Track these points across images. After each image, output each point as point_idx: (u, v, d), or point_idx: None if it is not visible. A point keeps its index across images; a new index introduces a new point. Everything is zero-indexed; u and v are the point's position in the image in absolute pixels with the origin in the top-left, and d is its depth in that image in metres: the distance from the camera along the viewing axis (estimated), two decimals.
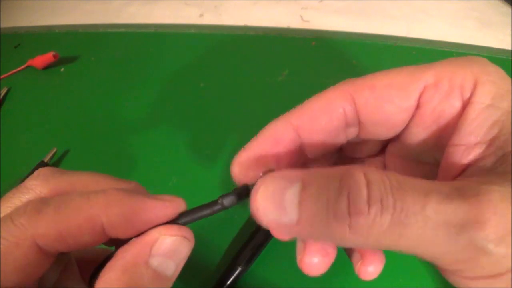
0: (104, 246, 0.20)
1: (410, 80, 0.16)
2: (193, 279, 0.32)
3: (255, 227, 0.33)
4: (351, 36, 0.49)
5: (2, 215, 0.16)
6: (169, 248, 0.16)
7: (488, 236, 0.12)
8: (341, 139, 0.18)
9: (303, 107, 0.17)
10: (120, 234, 0.17)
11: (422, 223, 0.12)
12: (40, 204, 0.16)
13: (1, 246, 0.15)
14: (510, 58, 0.43)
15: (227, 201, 0.17)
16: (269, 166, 0.17)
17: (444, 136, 0.16)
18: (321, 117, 0.17)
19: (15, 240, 0.15)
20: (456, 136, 0.15)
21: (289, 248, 0.33)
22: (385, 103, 0.16)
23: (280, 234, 0.17)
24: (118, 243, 0.18)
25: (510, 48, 0.44)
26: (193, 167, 0.40)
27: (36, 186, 0.18)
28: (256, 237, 0.32)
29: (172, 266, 0.16)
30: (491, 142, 0.14)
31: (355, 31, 0.51)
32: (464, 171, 0.15)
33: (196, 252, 0.36)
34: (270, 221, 0.15)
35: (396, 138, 0.18)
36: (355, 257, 0.19)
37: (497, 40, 0.46)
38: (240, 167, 0.18)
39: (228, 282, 0.30)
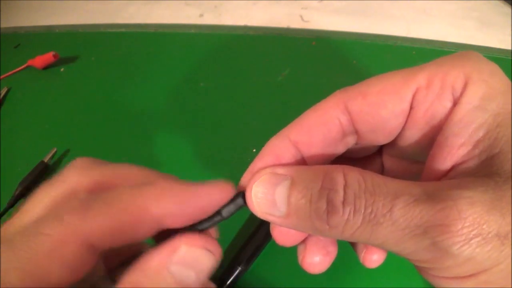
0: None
1: (402, 84, 0.15)
2: None
3: (255, 227, 0.33)
4: (351, 36, 0.49)
5: (41, 209, 0.16)
6: (190, 259, 0.16)
7: (451, 239, 0.13)
8: (340, 148, 0.18)
9: (299, 122, 0.18)
10: (173, 223, 0.17)
11: (390, 224, 0.13)
12: (89, 199, 0.16)
13: (48, 244, 0.15)
14: (510, 58, 0.43)
15: (225, 212, 0.18)
16: None
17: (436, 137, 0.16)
18: (317, 130, 0.17)
19: (63, 239, 0.15)
20: (441, 137, 0.15)
21: (289, 248, 0.33)
22: (379, 109, 0.16)
23: (274, 227, 0.18)
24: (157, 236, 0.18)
25: (510, 48, 0.44)
26: (193, 167, 0.40)
27: (74, 177, 0.17)
28: (256, 237, 0.32)
29: (192, 275, 0.16)
30: (476, 145, 0.14)
31: (355, 31, 0.51)
32: (448, 173, 0.15)
33: None
34: (262, 214, 0.16)
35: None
36: (359, 246, 0.20)
37: (497, 40, 0.46)
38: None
39: (228, 282, 0.30)
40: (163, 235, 0.17)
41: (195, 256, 0.16)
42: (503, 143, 0.14)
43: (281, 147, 0.17)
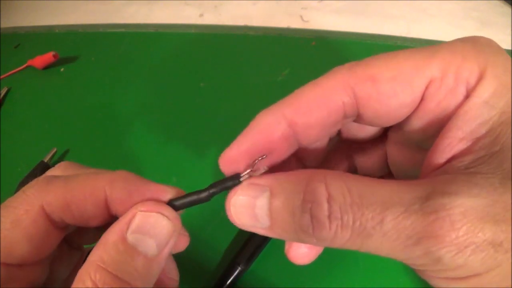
0: None
1: (415, 72, 0.15)
2: (193, 279, 0.32)
3: None
4: (351, 36, 0.49)
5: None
6: (146, 224, 0.16)
7: (445, 249, 0.12)
8: (337, 127, 0.17)
9: (297, 98, 0.16)
10: (122, 210, 0.17)
11: (381, 235, 0.13)
12: (51, 177, 0.17)
13: (12, 215, 0.16)
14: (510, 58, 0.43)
15: (215, 189, 0.17)
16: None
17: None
18: (318, 111, 0.16)
19: (25, 208, 0.16)
20: (446, 128, 0.15)
21: None
22: (389, 98, 0.15)
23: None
24: None
25: (510, 48, 0.44)
26: (193, 167, 0.40)
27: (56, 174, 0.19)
28: (256, 237, 0.32)
29: (152, 245, 0.16)
30: (476, 141, 0.14)
31: (355, 31, 0.50)
32: (445, 164, 0.15)
33: (196, 252, 0.36)
34: (245, 227, 0.16)
35: (397, 125, 0.17)
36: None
37: (497, 40, 0.46)
38: (229, 163, 0.17)
39: (228, 282, 0.30)
40: None
41: (151, 222, 0.16)
42: (504, 141, 0.13)
43: (273, 124, 0.16)
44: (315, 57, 0.48)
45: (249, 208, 0.15)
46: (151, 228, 0.16)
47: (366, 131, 0.20)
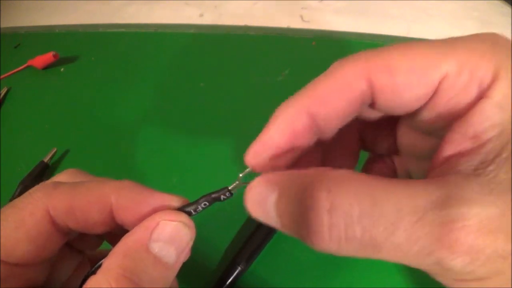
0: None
1: (431, 66, 0.14)
2: (193, 279, 0.32)
3: (255, 227, 0.33)
4: (351, 36, 0.49)
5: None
6: (169, 233, 0.16)
7: (456, 259, 0.12)
8: (354, 115, 0.17)
9: (317, 89, 0.16)
10: (127, 219, 0.17)
11: (392, 248, 0.13)
12: (58, 182, 0.18)
13: (17, 215, 0.16)
14: None
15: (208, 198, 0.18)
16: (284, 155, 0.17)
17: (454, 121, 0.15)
18: (338, 101, 0.16)
19: (30, 210, 0.17)
20: (457, 123, 0.14)
21: (289, 248, 0.33)
22: (404, 89, 0.15)
23: None
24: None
25: None
26: (193, 167, 0.40)
27: (63, 180, 0.19)
28: (256, 237, 0.32)
29: (173, 253, 0.16)
30: (486, 142, 0.14)
31: (355, 31, 0.50)
32: (452, 158, 0.14)
33: (196, 252, 0.36)
34: (262, 221, 0.16)
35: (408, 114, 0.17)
36: None
37: None
38: (254, 157, 0.18)
39: (228, 282, 0.30)
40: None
41: (173, 231, 0.16)
42: None
43: (295, 118, 0.16)
44: (315, 57, 0.48)
45: (262, 204, 0.15)
46: (175, 236, 0.16)
47: (377, 112, 0.19)
